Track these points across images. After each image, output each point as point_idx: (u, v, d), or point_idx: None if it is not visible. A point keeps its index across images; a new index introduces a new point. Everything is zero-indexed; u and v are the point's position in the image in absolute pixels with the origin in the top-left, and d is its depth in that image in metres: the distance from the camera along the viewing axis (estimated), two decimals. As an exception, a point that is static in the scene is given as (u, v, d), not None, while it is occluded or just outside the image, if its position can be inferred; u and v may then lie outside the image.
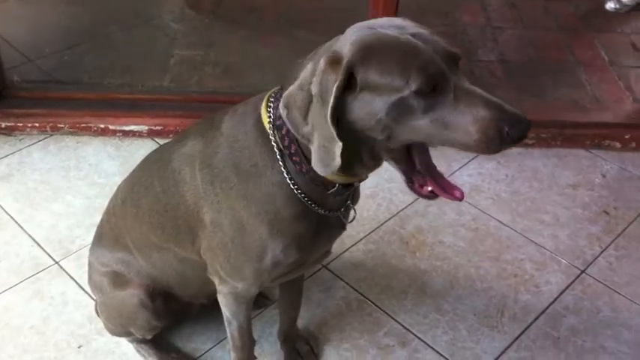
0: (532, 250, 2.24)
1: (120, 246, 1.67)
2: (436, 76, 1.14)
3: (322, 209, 1.37)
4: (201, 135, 1.44)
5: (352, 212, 1.47)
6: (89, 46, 3.14)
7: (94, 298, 1.84)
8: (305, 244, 1.41)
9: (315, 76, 1.19)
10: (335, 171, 1.21)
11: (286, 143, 1.29)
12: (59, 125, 2.63)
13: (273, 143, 1.31)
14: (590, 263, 2.20)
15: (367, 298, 2.06)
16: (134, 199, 1.59)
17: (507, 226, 2.33)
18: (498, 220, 2.35)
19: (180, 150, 1.47)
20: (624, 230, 2.32)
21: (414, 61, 1.14)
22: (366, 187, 2.23)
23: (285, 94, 1.25)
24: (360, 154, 1.26)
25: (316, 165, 1.22)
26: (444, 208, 2.38)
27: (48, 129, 2.64)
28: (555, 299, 2.09)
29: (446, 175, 1.32)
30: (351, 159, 1.26)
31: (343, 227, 1.48)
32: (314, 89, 1.19)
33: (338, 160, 1.19)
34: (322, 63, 1.17)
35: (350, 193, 1.41)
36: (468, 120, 1.15)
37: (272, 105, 1.31)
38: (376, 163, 1.30)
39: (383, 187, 2.43)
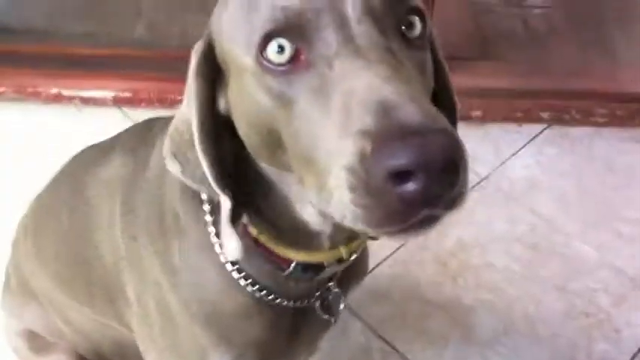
0: (609, 276, 1.72)
1: (29, 296, 1.15)
2: (295, 23, 0.60)
3: (281, 298, 0.82)
4: (132, 150, 0.89)
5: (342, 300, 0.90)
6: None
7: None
8: (270, 351, 0.87)
9: None
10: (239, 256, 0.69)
11: None
12: (-2, 88, 2.06)
13: None
14: (687, 298, 1.68)
15: (395, 348, 1.56)
16: (37, 231, 1.05)
17: (576, 241, 1.79)
18: (564, 232, 1.81)
19: (102, 170, 0.92)
20: None
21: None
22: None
23: (168, 133, 0.73)
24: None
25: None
26: (490, 212, 1.83)
27: (-17, 93, 2.06)
28: (641, 350, 1.59)
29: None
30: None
31: (330, 322, 0.91)
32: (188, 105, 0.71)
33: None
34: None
35: (329, 276, 0.84)
36: (333, 128, 0.56)
37: None
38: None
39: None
